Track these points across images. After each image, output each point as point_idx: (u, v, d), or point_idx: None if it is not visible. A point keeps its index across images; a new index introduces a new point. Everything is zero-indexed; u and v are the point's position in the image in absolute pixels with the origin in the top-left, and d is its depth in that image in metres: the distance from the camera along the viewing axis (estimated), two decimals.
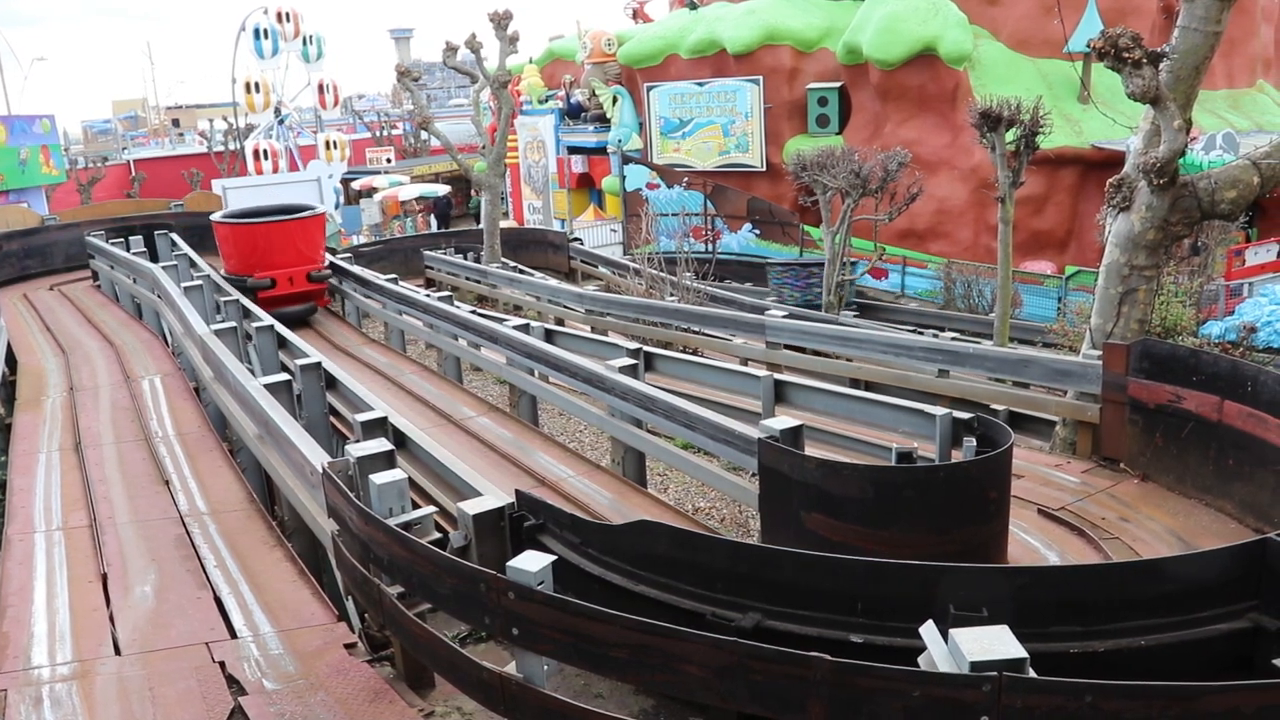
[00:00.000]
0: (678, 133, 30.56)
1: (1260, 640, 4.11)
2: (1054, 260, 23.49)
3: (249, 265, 16.10)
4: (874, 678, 3.29)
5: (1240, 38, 26.26)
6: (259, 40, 36.24)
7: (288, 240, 16.42)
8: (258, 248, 16.23)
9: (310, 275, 16.47)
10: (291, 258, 16.19)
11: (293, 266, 16.16)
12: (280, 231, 16.57)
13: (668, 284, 17.58)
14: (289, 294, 16.08)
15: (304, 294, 16.41)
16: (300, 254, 16.41)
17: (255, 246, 16.27)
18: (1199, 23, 8.12)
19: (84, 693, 5.07)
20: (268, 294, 15.66)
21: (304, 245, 16.64)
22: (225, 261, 16.93)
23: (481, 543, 5.44)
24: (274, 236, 16.40)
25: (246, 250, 16.34)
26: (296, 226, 16.81)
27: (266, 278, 15.87)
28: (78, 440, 9.57)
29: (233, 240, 16.73)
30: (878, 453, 7.24)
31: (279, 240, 16.33)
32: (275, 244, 16.22)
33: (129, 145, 60.45)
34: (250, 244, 16.38)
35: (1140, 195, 8.56)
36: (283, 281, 16.07)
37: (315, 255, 16.86)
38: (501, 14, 22.57)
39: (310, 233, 17.01)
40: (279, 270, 16.02)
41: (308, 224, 17.05)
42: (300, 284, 16.31)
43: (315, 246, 16.96)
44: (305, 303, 16.40)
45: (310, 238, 16.93)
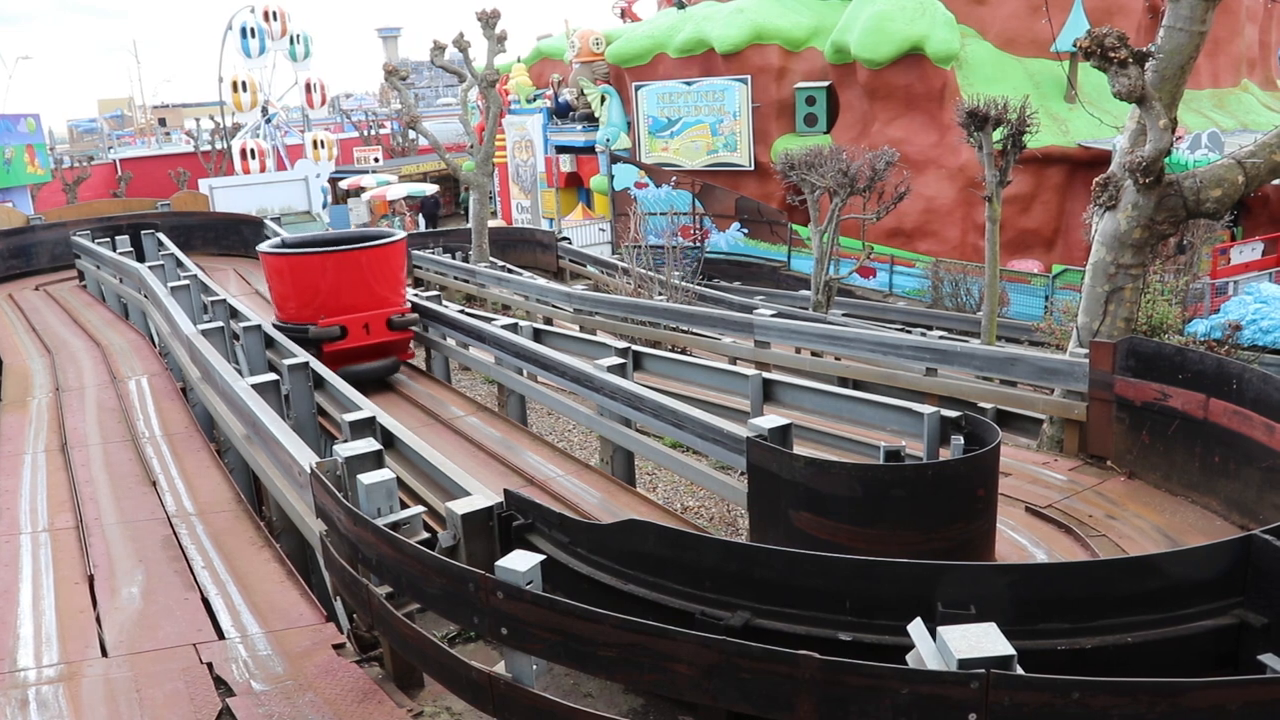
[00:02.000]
0: (666, 132, 30.57)
1: (1245, 636, 4.14)
2: (1041, 259, 23.60)
3: (311, 309, 11.91)
4: (862, 676, 3.30)
5: (1225, 38, 26.42)
6: (246, 39, 36.18)
7: (361, 276, 12.22)
8: (322, 287, 12.00)
9: (392, 321, 12.28)
10: (366, 298, 12.13)
11: (368, 310, 12.08)
12: (351, 265, 12.25)
13: (656, 283, 17.59)
14: (364, 347, 12.03)
15: (384, 346, 12.32)
16: (377, 293, 12.29)
17: (319, 285, 12.03)
18: (1184, 22, 8.16)
19: (70, 694, 5.04)
20: (336, 347, 11.74)
21: (382, 282, 12.41)
22: (278, 305, 12.59)
23: (470, 542, 5.43)
24: (344, 271, 12.13)
25: (307, 290, 12.09)
26: (373, 258, 12.40)
27: (334, 325, 11.74)
28: (64, 441, 9.52)
29: (289, 277, 12.39)
30: (866, 451, 7.25)
31: (350, 276, 12.15)
32: (345, 281, 12.09)
33: (115, 144, 60.16)
34: (313, 282, 12.11)
35: (1126, 194, 8.59)
36: (355, 330, 11.93)
37: (396, 294, 12.68)
38: (489, 13, 22.56)
39: (390, 265, 12.70)
40: (350, 315, 11.91)
41: (387, 254, 12.56)
42: (379, 332, 12.18)
43: (396, 283, 12.75)
44: (385, 357, 12.32)
45: (390, 272, 12.67)
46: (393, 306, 12.42)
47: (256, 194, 32.48)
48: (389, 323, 12.23)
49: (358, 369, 11.60)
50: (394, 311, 12.35)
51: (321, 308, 11.87)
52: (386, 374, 12.31)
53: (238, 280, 20.12)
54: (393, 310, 12.35)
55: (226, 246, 22.95)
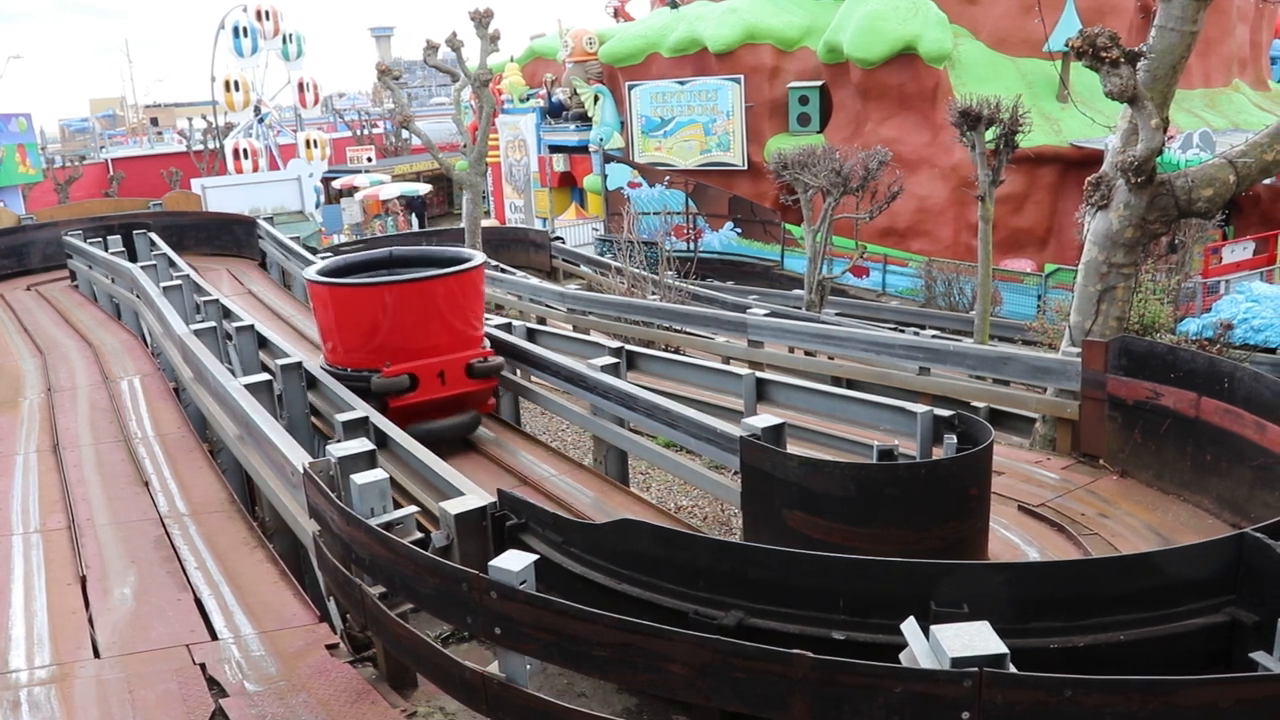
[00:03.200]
0: (659, 131, 30.57)
1: (1237, 634, 4.16)
2: (1033, 258, 23.64)
3: (371, 353, 9.28)
4: (856, 674, 3.30)
5: (1217, 37, 26.48)
6: (238, 38, 36.10)
7: (435, 310, 9.45)
8: (386, 325, 9.30)
9: (472, 368, 9.55)
10: (441, 339, 9.47)
11: (443, 353, 9.43)
12: (423, 298, 9.41)
13: (649, 283, 17.59)
14: (440, 399, 9.38)
15: (462, 398, 9.60)
16: (454, 332, 9.59)
17: (382, 323, 9.33)
18: (1176, 22, 8.19)
19: (63, 696, 5.03)
20: (405, 401, 9.13)
21: (459, 317, 9.67)
22: (329, 344, 9.80)
23: (464, 542, 5.43)
24: (413, 306, 9.33)
25: (366, 329, 9.39)
26: (449, 289, 9.57)
27: (402, 375, 9.10)
28: (56, 441, 9.49)
29: (342, 313, 9.60)
30: (859, 450, 7.27)
31: (421, 311, 9.37)
32: (415, 318, 9.32)
33: (107, 144, 60.07)
34: (373, 319, 9.38)
35: (1118, 193, 8.62)
36: (428, 380, 9.27)
37: (475, 332, 9.91)
38: (482, 12, 22.53)
39: (469, 296, 9.83)
40: (422, 360, 9.27)
41: (465, 283, 9.69)
42: (457, 382, 9.48)
43: (475, 318, 9.96)
44: (464, 412, 9.60)
45: (469, 305, 9.83)
46: (471, 348, 9.67)
47: (249, 194, 32.40)
48: (469, 369, 9.48)
49: (430, 427, 9.00)
50: (473, 355, 9.61)
51: (384, 351, 9.21)
52: (466, 432, 9.63)
53: (230, 280, 20.06)
54: (471, 353, 9.61)
55: (219, 246, 22.85)
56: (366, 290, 9.61)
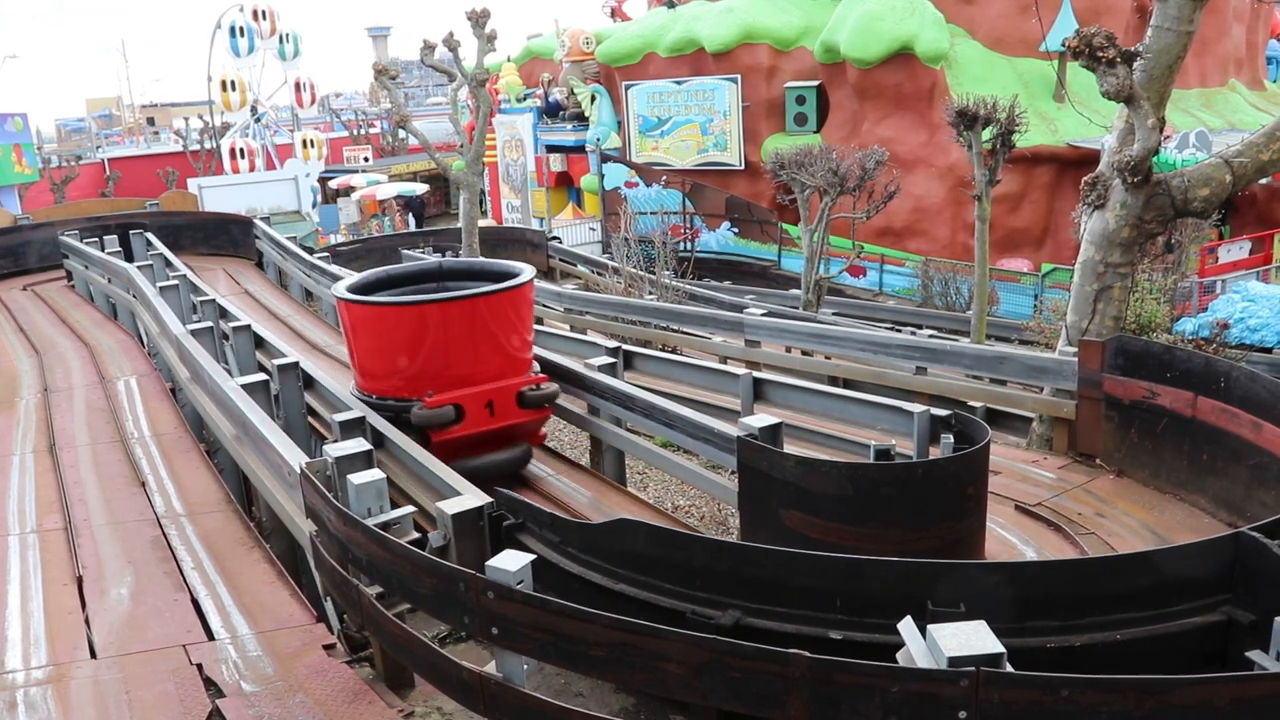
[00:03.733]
0: (656, 131, 30.56)
1: (1233, 633, 4.16)
2: (1030, 258, 23.66)
3: (411, 379, 8.12)
4: (853, 674, 3.31)
5: (1212, 37, 26.51)
6: (235, 38, 36.06)
7: (482, 332, 8.23)
8: (427, 348, 8.14)
9: (524, 397, 8.35)
10: (488, 363, 8.27)
11: (491, 380, 8.22)
12: (468, 318, 8.18)
13: (646, 282, 17.59)
14: (488, 433, 8.20)
15: (512, 430, 8.42)
16: (504, 355, 8.38)
17: (422, 346, 8.16)
18: (1172, 22, 8.21)
19: (59, 696, 5.03)
20: (450, 435, 7.95)
21: (509, 339, 8.45)
22: (362, 370, 8.57)
23: (460, 542, 5.43)
24: (457, 327, 8.12)
25: (404, 353, 8.24)
26: (497, 307, 8.32)
27: (446, 406, 7.91)
28: (52, 442, 9.48)
29: (377, 335, 8.44)
30: (856, 450, 7.27)
31: (467, 333, 8.14)
32: (460, 340, 8.13)
33: (103, 144, 59.96)
34: (412, 341, 8.21)
35: (1115, 193, 8.63)
36: (475, 411, 8.07)
37: (524, 355, 8.68)
38: (479, 12, 22.52)
39: (519, 315, 8.58)
40: (469, 389, 8.08)
41: (515, 301, 8.47)
42: (507, 412, 8.27)
43: (524, 340, 8.66)
44: (514, 446, 8.49)
45: (519, 324, 8.58)
46: (521, 372, 8.48)
47: (246, 193, 32.38)
48: (520, 398, 8.28)
49: (476, 464, 7.91)
50: (525, 381, 8.40)
51: (426, 378, 8.04)
52: (516, 468, 8.56)
53: (227, 280, 20.05)
54: (522, 379, 8.40)
55: (216, 246, 22.85)
56: (404, 310, 8.34)
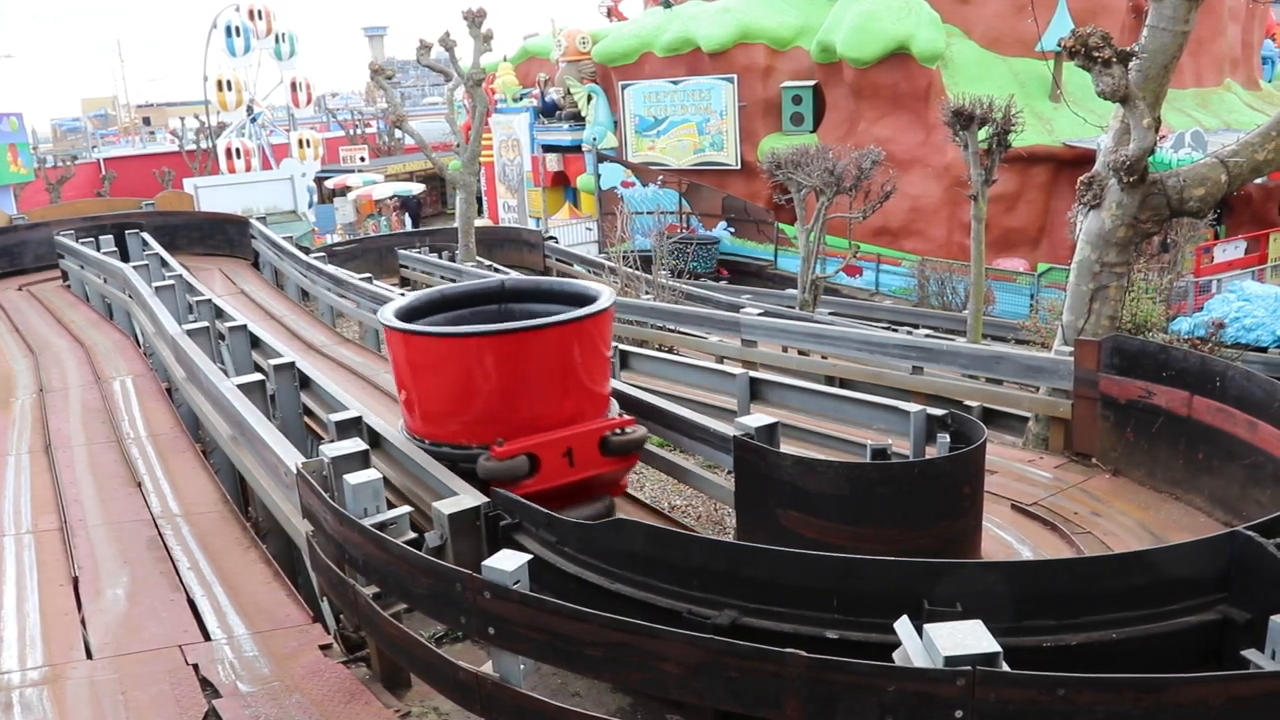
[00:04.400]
0: (652, 131, 30.57)
1: (1229, 632, 4.17)
2: (1026, 257, 23.70)
3: (477, 422, 6.64)
4: (849, 673, 3.31)
5: (1208, 37, 26.56)
6: (231, 38, 36.05)
7: (560, 366, 6.78)
8: (494, 386, 6.65)
9: (607, 441, 6.85)
10: (567, 403, 6.84)
11: (571, 423, 6.77)
12: (546, 349, 6.72)
13: (643, 282, 17.58)
14: (566, 486, 6.71)
15: (592, 482, 6.95)
16: (584, 393, 6.98)
17: (490, 383, 6.65)
18: (1167, 22, 8.21)
19: (55, 697, 5.02)
20: (521, 489, 6.23)
21: (591, 373, 7.02)
22: (414, 409, 7.05)
23: (457, 542, 5.43)
24: (532, 360, 6.64)
25: (470, 390, 6.74)
26: (578, 336, 6.80)
27: (519, 455, 6.43)
28: (48, 442, 9.46)
29: (438, 367, 6.89)
30: (852, 449, 7.26)
31: (539, 369, 6.67)
32: (534, 376, 6.66)
33: (99, 144, 59.83)
34: (474, 378, 6.70)
35: (1111, 193, 8.64)
36: (552, 461, 6.61)
37: (605, 391, 7.28)
38: (475, 12, 22.51)
39: (597, 347, 7.06)
40: (544, 435, 6.61)
41: (593, 330, 6.95)
42: (588, 462, 6.79)
43: (605, 373, 7.29)
44: (595, 500, 7.02)
45: (599, 357, 7.10)
46: (600, 412, 7.04)
47: (242, 193, 32.38)
48: (603, 444, 6.78)
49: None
50: (607, 424, 6.89)
51: (493, 422, 6.54)
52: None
53: (223, 280, 20.03)
54: (604, 421, 6.93)
55: (212, 246, 22.83)
56: (469, 342, 6.70)
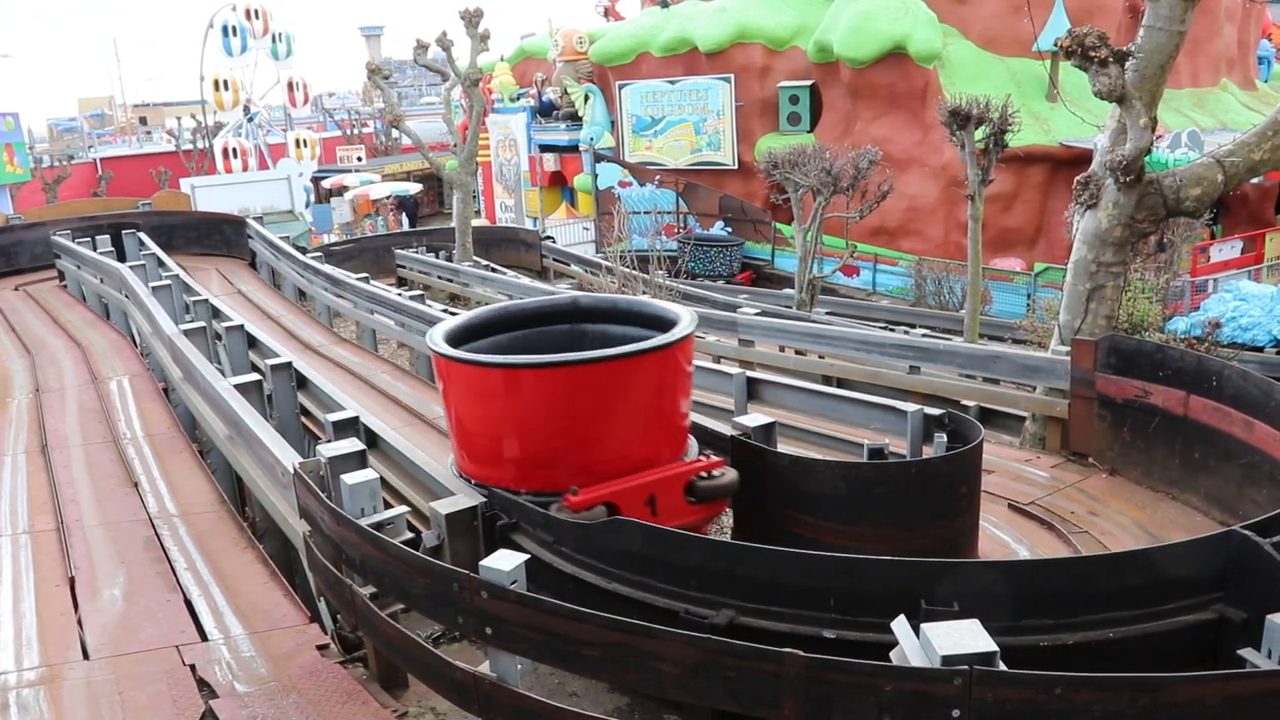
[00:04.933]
0: (649, 131, 30.57)
1: (1225, 631, 4.17)
2: (1023, 257, 23.72)
3: (545, 467, 5.65)
4: (846, 673, 3.31)
5: (1204, 37, 26.60)
6: (227, 38, 36.03)
7: (643, 401, 5.77)
8: (563, 425, 5.65)
9: (694, 486, 5.80)
10: (648, 443, 5.83)
11: (651, 466, 5.76)
12: (627, 378, 5.68)
13: (640, 282, 17.58)
14: None
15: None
16: (666, 431, 5.98)
17: (555, 423, 5.65)
18: (1164, 22, 8.23)
19: (51, 697, 5.01)
20: None
21: (674, 409, 6.00)
22: (472, 450, 5.98)
23: (454, 542, 5.42)
24: (612, 394, 5.61)
25: (541, 430, 5.70)
26: (659, 367, 5.75)
27: (597, 504, 5.39)
28: (44, 442, 9.45)
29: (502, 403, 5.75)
30: (850, 449, 7.27)
31: (624, 402, 5.66)
32: (614, 412, 5.66)
33: (95, 143, 59.79)
34: (542, 416, 5.66)
35: (1107, 193, 8.65)
36: (634, 509, 5.51)
37: (686, 428, 6.22)
38: (472, 12, 22.50)
39: (685, 374, 6.00)
40: (623, 481, 5.57)
41: (683, 355, 5.88)
42: (673, 509, 5.68)
43: (685, 407, 6.11)
44: None
45: (681, 389, 5.98)
46: (680, 452, 6.03)
47: (238, 193, 32.36)
48: (690, 489, 5.81)
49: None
50: (691, 467, 5.89)
51: (566, 465, 5.61)
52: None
53: (220, 280, 20.02)
54: (688, 464, 5.94)
55: (208, 246, 22.82)
56: (536, 374, 5.63)
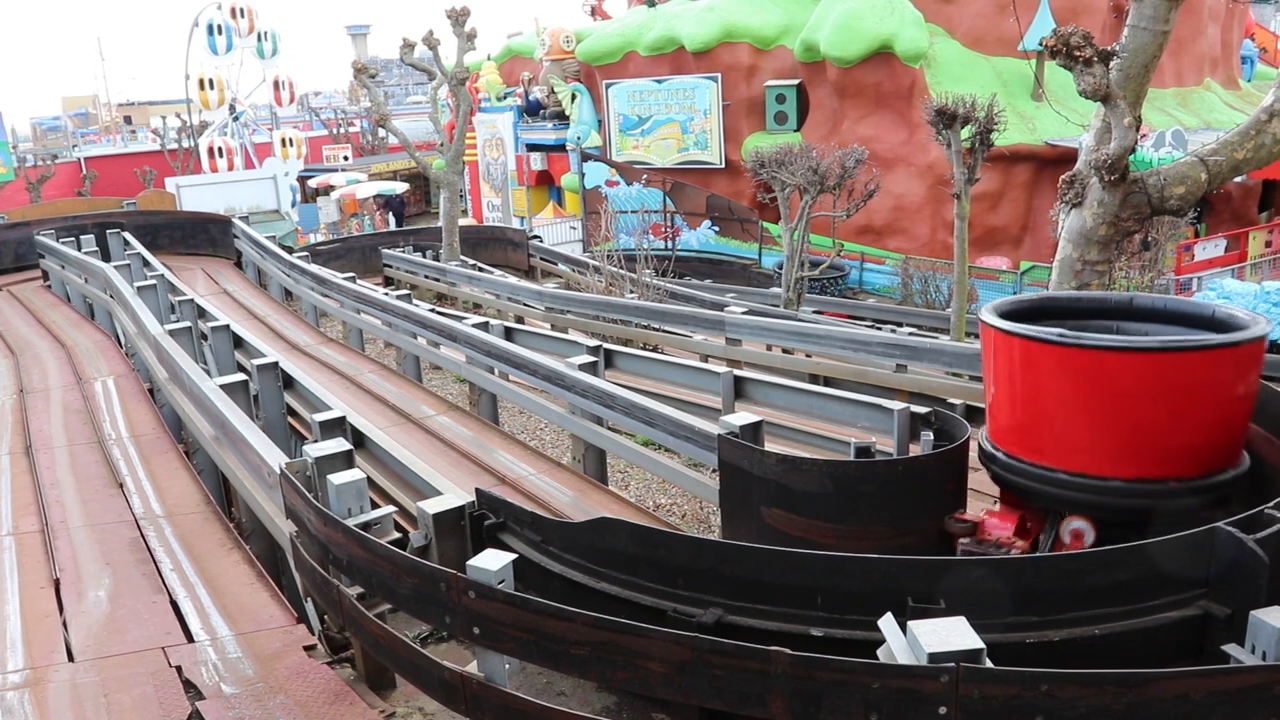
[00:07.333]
0: (637, 130, 30.55)
1: (1209, 627, 4.20)
2: (1009, 255, 23.79)
3: (1121, 453, 5.16)
4: (833, 671, 3.32)
5: (1188, 37, 26.73)
6: (213, 36, 35.81)
7: (1210, 401, 5.14)
8: (1144, 416, 5.10)
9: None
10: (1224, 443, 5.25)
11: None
12: (1190, 373, 5.07)
13: (627, 281, 17.58)
14: None
15: None
16: (1223, 423, 5.23)
17: (1138, 410, 5.09)
18: (1148, 22, 8.27)
19: (36, 700, 4.98)
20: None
21: (1235, 410, 5.27)
22: (1024, 419, 5.63)
23: (442, 542, 5.41)
24: (1188, 392, 5.06)
25: (1124, 421, 5.13)
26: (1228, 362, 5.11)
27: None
28: (28, 443, 9.40)
29: (1082, 388, 5.22)
30: (837, 447, 7.30)
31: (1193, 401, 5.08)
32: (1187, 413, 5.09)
33: (79, 142, 59.42)
34: (1129, 401, 5.09)
35: (1092, 191, 8.69)
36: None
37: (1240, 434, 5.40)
38: (459, 11, 22.46)
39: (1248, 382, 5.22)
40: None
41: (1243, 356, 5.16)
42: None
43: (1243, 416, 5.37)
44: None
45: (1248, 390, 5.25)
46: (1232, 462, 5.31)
47: (224, 193, 32.18)
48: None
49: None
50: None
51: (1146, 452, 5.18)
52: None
53: (205, 280, 19.94)
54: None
55: (194, 246, 22.74)
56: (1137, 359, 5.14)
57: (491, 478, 8.46)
